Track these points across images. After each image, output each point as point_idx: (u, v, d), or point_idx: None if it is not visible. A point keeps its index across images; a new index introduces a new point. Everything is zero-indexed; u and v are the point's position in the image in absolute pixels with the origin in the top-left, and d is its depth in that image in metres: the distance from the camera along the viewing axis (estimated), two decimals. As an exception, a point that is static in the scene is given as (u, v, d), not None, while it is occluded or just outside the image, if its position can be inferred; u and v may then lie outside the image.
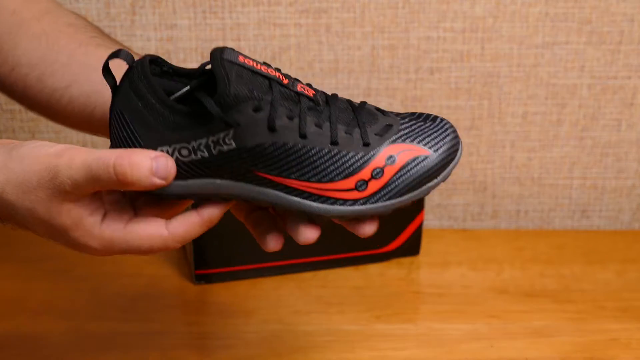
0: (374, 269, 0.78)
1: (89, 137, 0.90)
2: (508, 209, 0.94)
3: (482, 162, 0.92)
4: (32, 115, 0.89)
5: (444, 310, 0.70)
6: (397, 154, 0.48)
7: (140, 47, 0.87)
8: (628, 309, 0.70)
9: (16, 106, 0.89)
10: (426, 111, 0.89)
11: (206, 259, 0.73)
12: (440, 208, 0.94)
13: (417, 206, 0.79)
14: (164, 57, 0.87)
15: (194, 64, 0.88)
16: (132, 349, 0.63)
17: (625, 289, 0.74)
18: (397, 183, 0.48)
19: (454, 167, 0.50)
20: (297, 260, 0.76)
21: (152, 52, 0.87)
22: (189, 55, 0.87)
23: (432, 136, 0.49)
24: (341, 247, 0.77)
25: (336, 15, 0.86)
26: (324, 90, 0.52)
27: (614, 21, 0.87)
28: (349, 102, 0.51)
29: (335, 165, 0.48)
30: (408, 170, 0.48)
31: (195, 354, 0.62)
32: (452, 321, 0.68)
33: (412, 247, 0.80)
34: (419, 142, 0.49)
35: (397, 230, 0.79)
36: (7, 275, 0.77)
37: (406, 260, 0.80)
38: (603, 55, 0.88)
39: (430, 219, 0.94)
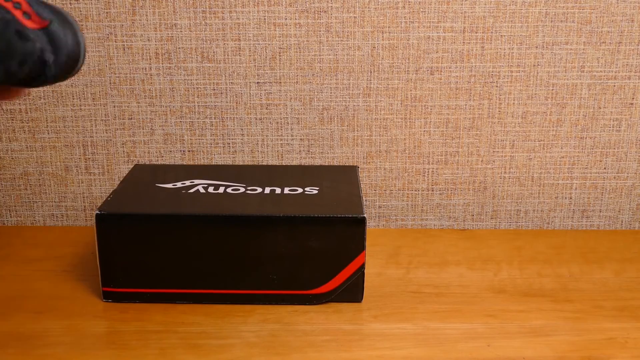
0: (372, 268, 0.78)
1: (89, 138, 0.91)
2: (508, 209, 0.94)
3: (482, 162, 0.92)
4: (32, 115, 0.90)
5: (442, 310, 0.70)
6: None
7: (140, 47, 0.87)
8: (626, 308, 0.70)
9: (16, 106, 0.89)
10: (425, 112, 0.89)
11: (114, 277, 0.71)
12: (440, 208, 0.94)
13: (357, 246, 0.70)
14: (164, 57, 0.87)
15: (194, 64, 0.88)
16: (131, 348, 0.63)
17: (623, 289, 0.74)
18: None
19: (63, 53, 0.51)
20: (211, 290, 0.71)
21: (152, 52, 0.88)
22: (189, 55, 0.88)
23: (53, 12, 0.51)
24: (266, 283, 0.71)
25: (336, 15, 0.86)
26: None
27: (614, 21, 0.87)
28: None
29: None
30: None
31: (194, 354, 0.62)
32: (449, 321, 0.68)
33: (351, 292, 0.71)
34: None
35: (332, 271, 0.71)
36: (7, 275, 0.77)
37: (405, 259, 0.81)
38: (603, 55, 0.88)
39: (430, 218, 0.94)
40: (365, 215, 0.69)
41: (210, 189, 0.75)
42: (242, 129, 0.91)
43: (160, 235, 0.69)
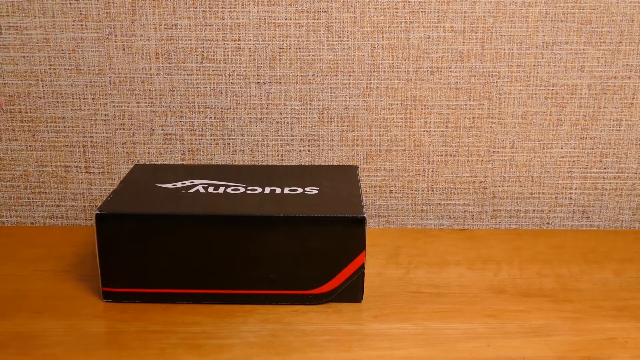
0: (372, 268, 0.78)
1: (89, 138, 0.91)
2: (508, 209, 0.94)
3: (482, 162, 0.92)
4: (32, 115, 0.90)
5: (442, 310, 0.70)
6: None
7: (140, 47, 0.87)
8: (625, 308, 0.70)
9: (16, 106, 0.89)
10: (425, 112, 0.89)
11: (114, 277, 0.71)
12: (440, 208, 0.94)
13: (357, 246, 0.70)
14: (164, 57, 0.87)
15: (194, 64, 0.88)
16: (131, 348, 0.63)
17: (623, 289, 0.74)
18: None
19: None
20: (211, 290, 0.71)
21: (152, 52, 0.88)
22: (188, 55, 0.88)
23: None
24: (266, 283, 0.70)
25: (336, 15, 0.86)
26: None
27: (614, 21, 0.87)
28: None
29: None
30: None
31: (194, 354, 0.62)
32: (449, 321, 0.68)
33: (351, 292, 0.71)
34: None
35: (332, 271, 0.70)
36: (7, 275, 0.77)
37: (405, 259, 0.81)
38: (603, 55, 0.88)
39: (430, 218, 0.94)
40: (365, 215, 0.69)
41: (210, 189, 0.75)
42: (242, 129, 0.91)
43: (160, 235, 0.69)
